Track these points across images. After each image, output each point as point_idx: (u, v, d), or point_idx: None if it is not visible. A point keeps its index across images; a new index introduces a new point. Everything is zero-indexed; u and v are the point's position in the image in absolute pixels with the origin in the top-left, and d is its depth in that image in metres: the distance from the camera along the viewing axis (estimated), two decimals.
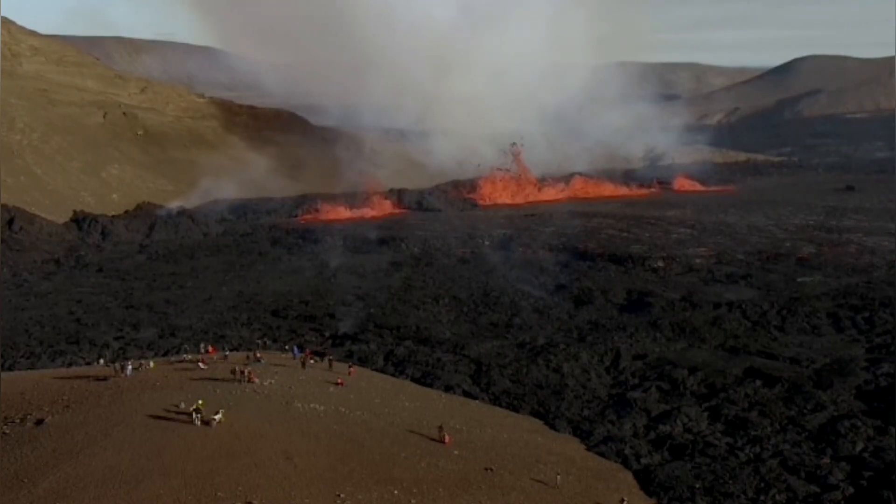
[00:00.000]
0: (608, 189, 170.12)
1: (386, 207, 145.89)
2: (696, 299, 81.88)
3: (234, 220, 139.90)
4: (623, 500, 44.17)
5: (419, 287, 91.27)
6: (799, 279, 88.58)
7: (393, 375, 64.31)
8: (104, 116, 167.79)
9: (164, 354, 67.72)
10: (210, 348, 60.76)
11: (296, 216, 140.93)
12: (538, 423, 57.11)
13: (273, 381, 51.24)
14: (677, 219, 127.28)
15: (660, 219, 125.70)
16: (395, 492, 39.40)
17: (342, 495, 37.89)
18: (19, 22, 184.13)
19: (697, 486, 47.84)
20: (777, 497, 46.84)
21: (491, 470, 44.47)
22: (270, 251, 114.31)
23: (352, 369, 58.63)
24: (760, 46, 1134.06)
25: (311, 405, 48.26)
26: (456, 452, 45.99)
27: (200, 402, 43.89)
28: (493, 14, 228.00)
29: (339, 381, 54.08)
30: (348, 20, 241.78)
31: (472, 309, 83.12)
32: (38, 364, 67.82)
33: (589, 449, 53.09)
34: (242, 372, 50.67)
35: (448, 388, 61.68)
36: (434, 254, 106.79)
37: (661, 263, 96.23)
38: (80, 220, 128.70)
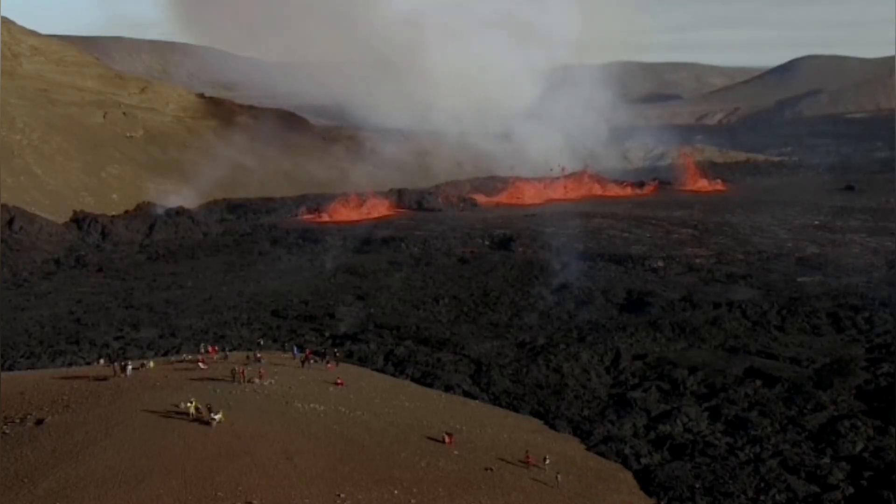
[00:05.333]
0: (611, 189, 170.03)
1: (386, 207, 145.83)
2: (696, 299, 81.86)
3: (234, 220, 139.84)
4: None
5: (419, 287, 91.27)
6: (799, 279, 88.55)
7: (393, 375, 64.30)
8: (104, 116, 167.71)
9: (164, 354, 67.71)
10: (210, 348, 60.77)
11: (296, 216, 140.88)
12: (538, 423, 57.11)
13: (273, 381, 51.28)
14: (679, 219, 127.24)
15: (661, 219, 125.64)
16: (395, 492, 39.44)
17: (342, 495, 37.93)
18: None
19: (697, 486, 47.87)
20: (777, 497, 46.87)
21: (491, 470, 44.51)
22: (270, 251, 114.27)
23: (329, 365, 57.98)
24: (760, 46, 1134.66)
25: (311, 405, 48.32)
26: (456, 452, 46.02)
27: (193, 401, 43.97)
28: (493, 14, 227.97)
29: (339, 381, 54.10)
30: (348, 20, 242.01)
31: (472, 309, 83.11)
32: (38, 364, 67.80)
33: (589, 449, 53.09)
34: (242, 373, 50.72)
35: (448, 388, 61.67)
36: (434, 254, 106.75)
37: (661, 263, 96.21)
38: (80, 220, 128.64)
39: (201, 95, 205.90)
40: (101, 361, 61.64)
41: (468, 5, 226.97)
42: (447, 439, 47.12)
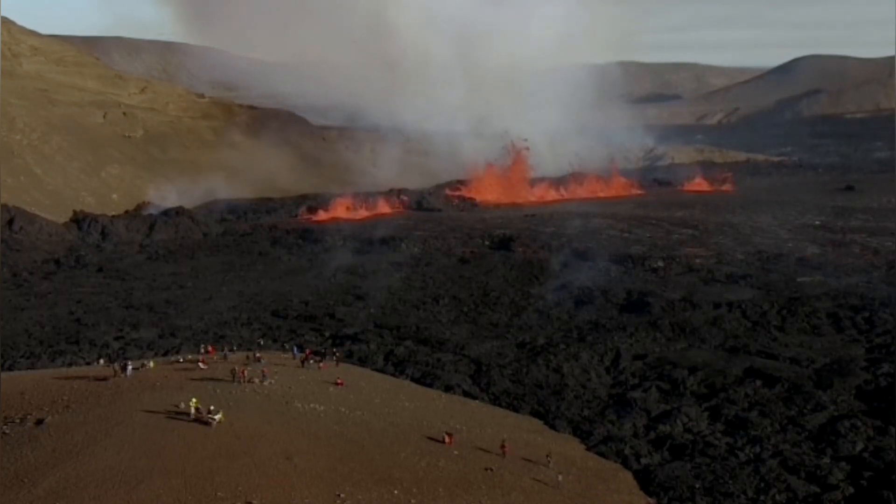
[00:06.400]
0: (610, 189, 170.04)
1: (386, 207, 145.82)
2: (696, 299, 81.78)
3: (234, 220, 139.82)
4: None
5: (419, 287, 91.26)
6: (799, 279, 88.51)
7: (393, 375, 64.31)
8: (104, 116, 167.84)
9: (164, 354, 67.71)
10: (210, 348, 60.78)
11: (296, 216, 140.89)
12: (538, 423, 57.12)
13: (273, 381, 51.28)
14: (679, 219, 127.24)
15: (661, 219, 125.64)
16: (395, 492, 39.45)
17: (342, 495, 37.94)
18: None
19: (697, 486, 47.87)
20: (777, 497, 46.87)
21: (491, 470, 44.51)
22: (270, 251, 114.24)
23: (322, 364, 57.90)
24: (760, 46, 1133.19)
25: (311, 405, 48.32)
26: (456, 452, 46.03)
27: (194, 400, 44.00)
28: (493, 14, 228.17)
29: (339, 381, 54.10)
30: (348, 19, 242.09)
31: (472, 309, 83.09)
32: (38, 364, 67.75)
33: (589, 449, 53.10)
34: (243, 373, 50.71)
35: (448, 388, 61.67)
36: (434, 254, 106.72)
37: (661, 263, 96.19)
38: (80, 220, 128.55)
39: (201, 95, 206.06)
40: (101, 361, 61.64)
41: (468, 5, 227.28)
42: (447, 439, 47.11)
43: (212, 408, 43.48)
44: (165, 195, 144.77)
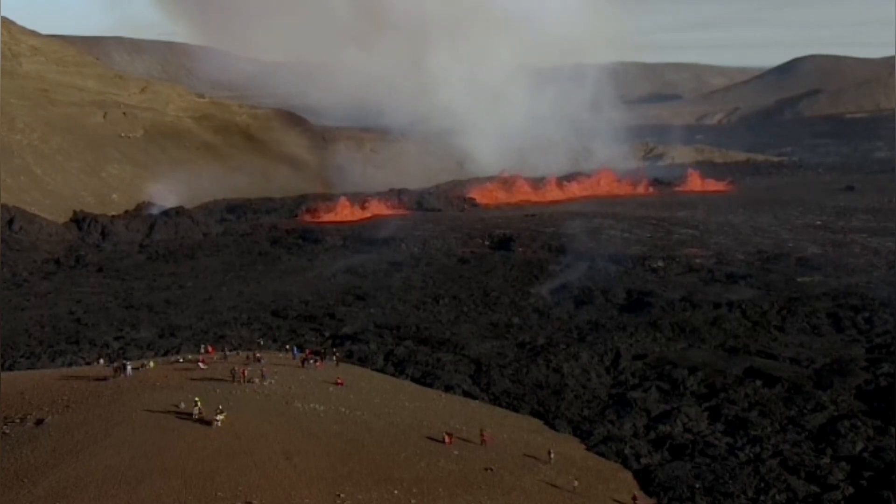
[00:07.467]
0: (610, 189, 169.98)
1: (385, 207, 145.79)
2: (696, 299, 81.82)
3: (234, 220, 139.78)
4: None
5: (419, 287, 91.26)
6: (799, 279, 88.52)
7: (393, 375, 64.31)
8: (104, 116, 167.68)
9: (164, 354, 67.68)
10: (210, 348, 60.74)
11: (296, 216, 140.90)
12: (538, 423, 57.12)
13: (273, 381, 51.27)
14: (680, 219, 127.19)
15: (662, 219, 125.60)
16: (395, 492, 39.43)
17: (342, 495, 37.91)
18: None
19: (697, 486, 47.87)
20: (777, 497, 46.86)
21: (491, 470, 44.49)
22: (270, 251, 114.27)
23: (318, 364, 57.79)
24: (760, 46, 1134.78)
25: (311, 405, 48.29)
26: (456, 452, 46.01)
27: (197, 399, 43.96)
28: (493, 14, 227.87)
29: (339, 381, 54.07)
30: (347, 19, 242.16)
31: (472, 309, 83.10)
32: (38, 364, 67.76)
33: (589, 449, 53.11)
34: (243, 373, 50.66)
35: (448, 388, 61.68)
36: (434, 254, 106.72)
37: (661, 263, 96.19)
38: (80, 220, 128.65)
39: (201, 96, 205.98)
40: (101, 361, 61.64)
41: (468, 5, 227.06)
42: (447, 439, 47.10)
43: (220, 407, 43.39)
44: (165, 195, 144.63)
